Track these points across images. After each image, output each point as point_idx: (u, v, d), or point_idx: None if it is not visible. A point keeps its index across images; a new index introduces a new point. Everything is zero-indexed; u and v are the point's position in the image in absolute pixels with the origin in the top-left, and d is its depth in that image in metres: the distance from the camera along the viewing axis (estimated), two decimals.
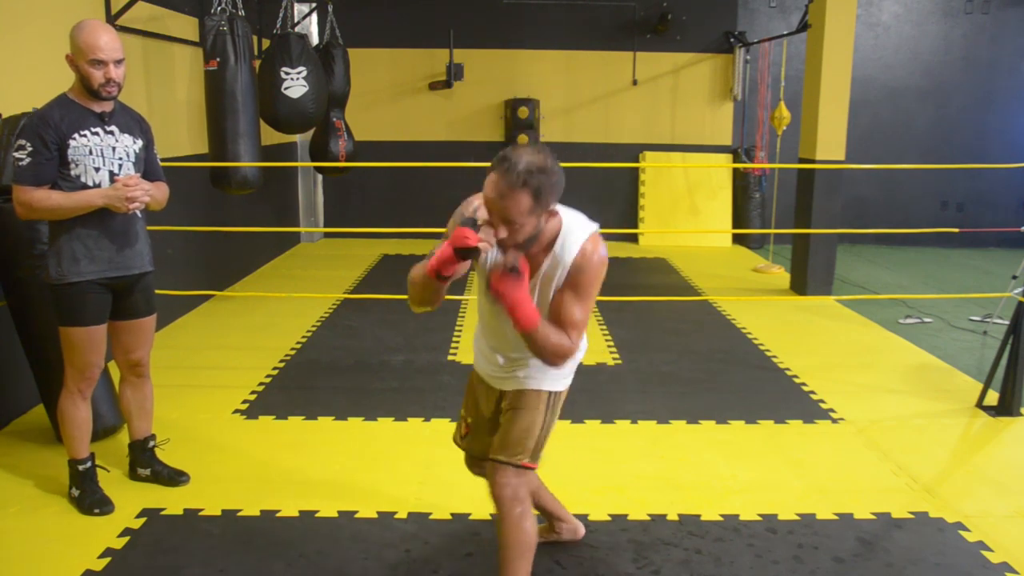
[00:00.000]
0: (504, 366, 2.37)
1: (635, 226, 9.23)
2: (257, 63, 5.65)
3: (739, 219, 9.22)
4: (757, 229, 9.06)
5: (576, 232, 2.16)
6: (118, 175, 2.90)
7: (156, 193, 2.99)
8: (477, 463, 2.66)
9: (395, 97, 9.27)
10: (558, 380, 2.36)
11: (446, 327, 5.63)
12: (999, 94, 9.32)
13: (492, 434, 2.43)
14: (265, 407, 4.16)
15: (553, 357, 2.14)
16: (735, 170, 9.20)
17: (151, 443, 3.32)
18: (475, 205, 2.16)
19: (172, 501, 3.14)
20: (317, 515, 3.06)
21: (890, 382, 4.65)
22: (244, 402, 4.22)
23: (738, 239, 9.32)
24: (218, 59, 4.95)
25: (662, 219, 9.22)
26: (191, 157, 5.70)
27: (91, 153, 2.84)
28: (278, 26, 6.03)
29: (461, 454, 3.61)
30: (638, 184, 9.34)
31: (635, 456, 3.63)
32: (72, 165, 2.82)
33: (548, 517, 2.84)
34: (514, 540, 2.30)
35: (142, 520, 3.00)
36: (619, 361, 4.96)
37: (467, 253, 2.01)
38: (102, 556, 2.76)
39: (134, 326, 3.10)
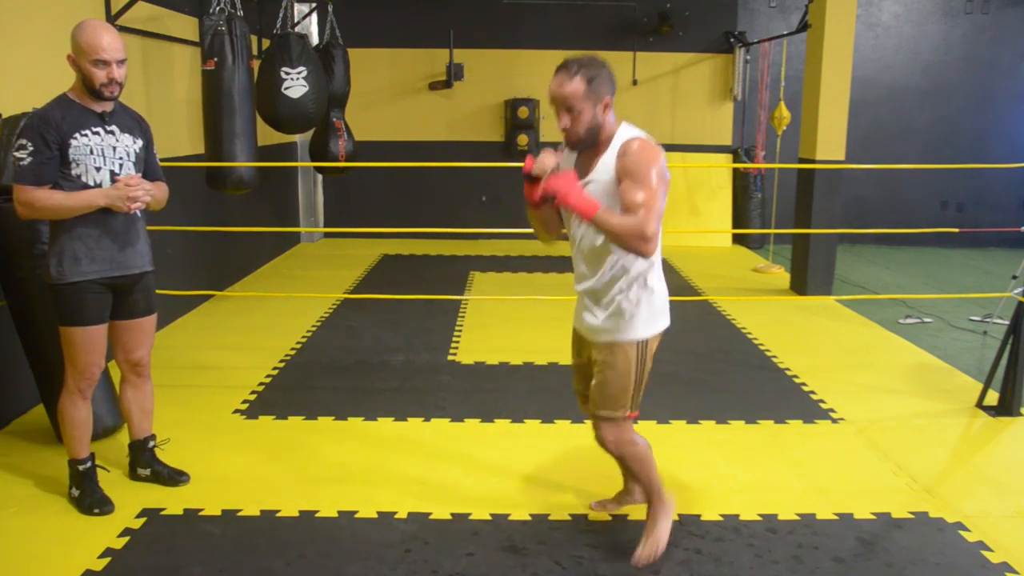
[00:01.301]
0: (597, 316, 2.54)
1: None
2: (257, 63, 5.65)
3: (739, 219, 9.22)
4: (757, 229, 9.06)
5: (627, 134, 2.43)
6: (119, 175, 2.90)
7: (156, 193, 3.00)
8: (584, 399, 2.84)
9: (395, 97, 9.27)
10: (644, 326, 2.50)
11: (446, 327, 5.63)
12: (999, 94, 9.32)
13: (590, 381, 2.64)
14: (265, 407, 4.16)
15: (629, 239, 2.29)
16: (735, 170, 9.20)
17: (151, 443, 3.32)
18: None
19: (172, 501, 3.14)
20: (317, 515, 3.06)
21: (890, 382, 4.65)
22: (244, 402, 4.22)
23: (738, 239, 9.32)
24: (216, 59, 4.95)
25: (662, 219, 9.19)
26: (191, 157, 5.70)
27: (92, 153, 2.84)
28: (278, 26, 6.02)
29: (461, 454, 3.64)
30: None
31: None
32: (73, 165, 2.82)
33: (625, 480, 3.05)
34: (638, 467, 2.72)
35: (142, 520, 3.00)
36: None
37: (531, 176, 2.38)
38: (102, 556, 2.76)
39: (134, 326, 3.10)
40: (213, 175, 5.23)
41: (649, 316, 2.52)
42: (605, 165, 2.41)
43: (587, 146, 2.44)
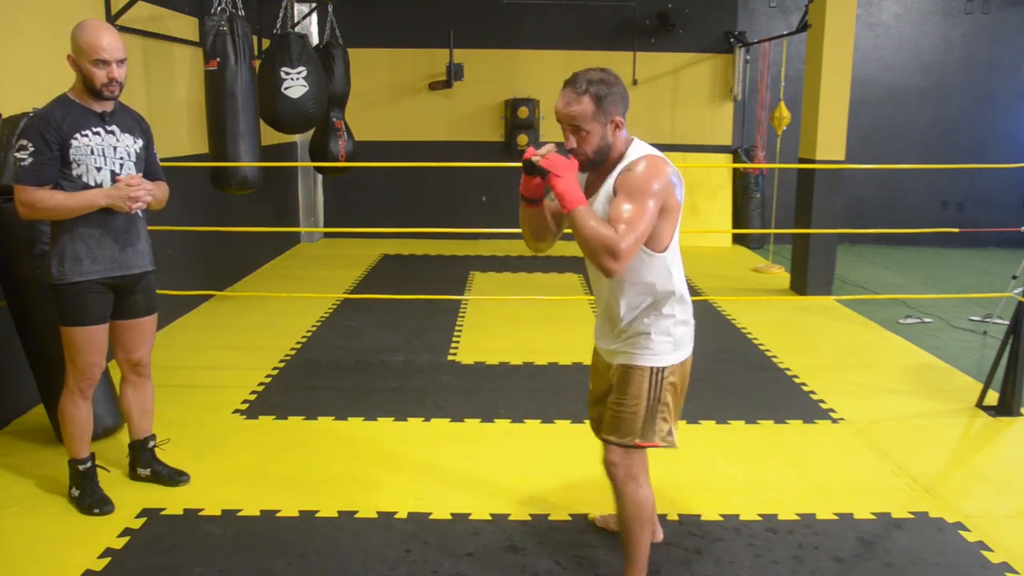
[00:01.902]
0: (614, 339, 2.42)
1: None
2: (257, 63, 5.65)
3: (739, 219, 9.22)
4: (757, 229, 9.06)
5: (637, 152, 2.27)
6: (119, 175, 2.90)
7: (157, 192, 3.00)
8: (596, 426, 2.70)
9: (395, 97, 9.27)
10: (661, 357, 2.36)
11: (446, 327, 5.63)
12: (999, 94, 9.32)
13: (605, 403, 2.49)
14: (265, 407, 4.16)
15: (598, 249, 2.13)
16: (735, 170, 9.20)
17: (151, 443, 3.32)
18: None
19: (172, 501, 3.14)
20: (317, 515, 3.06)
21: (890, 382, 4.65)
22: (244, 402, 4.22)
23: (738, 239, 9.32)
24: (218, 59, 4.95)
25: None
26: (191, 157, 5.70)
27: (92, 153, 2.84)
28: (278, 26, 6.03)
29: (461, 454, 3.64)
30: None
31: None
32: (74, 165, 2.82)
33: None
34: (631, 514, 2.43)
35: (142, 520, 3.00)
36: None
37: (532, 166, 2.19)
38: (102, 556, 2.76)
39: (135, 325, 3.10)
40: (217, 176, 5.24)
41: (668, 344, 2.36)
42: (608, 185, 2.28)
43: (595, 166, 2.29)
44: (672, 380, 2.39)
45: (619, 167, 2.26)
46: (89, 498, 3.07)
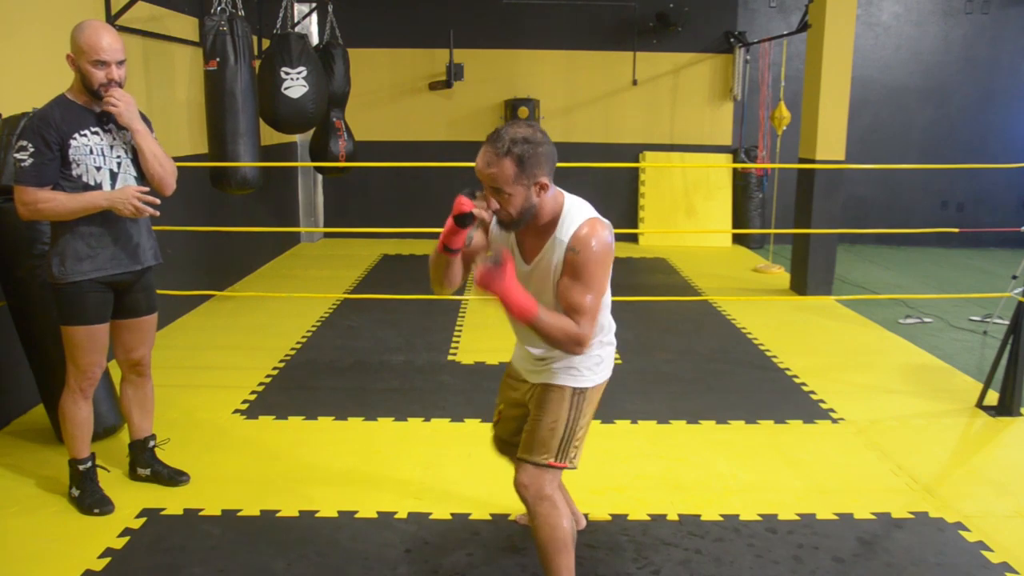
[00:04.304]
0: (534, 359, 2.36)
1: (635, 226, 9.23)
2: (257, 63, 5.65)
3: (739, 219, 9.22)
4: (757, 229, 9.06)
5: (575, 216, 2.17)
6: (118, 172, 2.90)
7: (165, 163, 2.98)
8: (502, 444, 2.67)
9: (395, 97, 9.27)
10: (583, 377, 2.31)
11: (446, 327, 5.63)
12: (999, 94, 9.32)
13: (522, 422, 2.44)
14: (265, 407, 4.16)
15: (566, 343, 2.11)
16: (735, 170, 9.20)
17: (151, 443, 3.32)
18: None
19: (172, 501, 3.14)
20: (317, 515, 3.06)
21: (890, 382, 4.65)
22: (244, 402, 4.22)
23: (738, 239, 9.32)
24: (218, 59, 4.95)
25: (662, 219, 9.22)
26: (191, 157, 5.70)
27: (91, 153, 2.84)
28: (278, 26, 6.03)
29: (461, 454, 3.63)
30: (638, 184, 9.34)
31: (635, 456, 3.63)
32: (73, 165, 2.82)
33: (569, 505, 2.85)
34: (546, 537, 2.30)
35: (142, 520, 3.00)
36: (619, 361, 4.93)
37: (464, 219, 2.09)
38: (102, 556, 2.76)
39: (135, 325, 3.10)
40: (218, 176, 5.24)
41: (583, 371, 2.31)
42: (551, 251, 2.18)
43: (520, 226, 2.18)
44: (593, 401, 2.35)
45: (562, 235, 2.15)
46: (89, 498, 3.07)
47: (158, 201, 2.92)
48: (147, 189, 2.92)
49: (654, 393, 4.43)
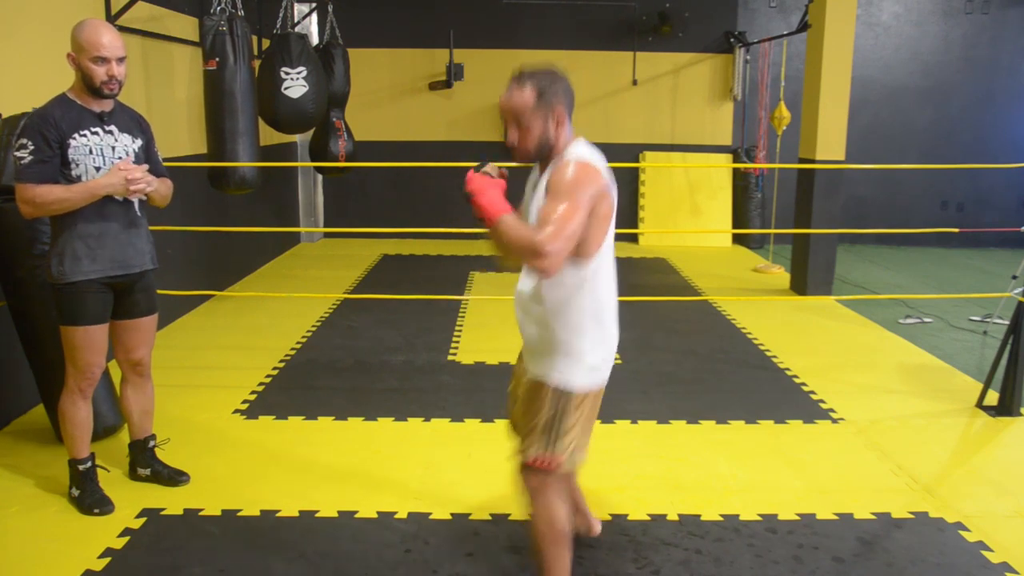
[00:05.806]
0: (530, 348, 2.35)
1: (635, 226, 9.23)
2: (257, 63, 5.65)
3: (739, 219, 9.22)
4: (757, 229, 9.06)
5: (573, 154, 2.18)
6: None
7: (161, 188, 2.99)
8: (513, 426, 2.60)
9: (395, 97, 9.27)
10: (568, 375, 2.22)
11: (446, 327, 5.63)
12: (999, 94, 9.32)
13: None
14: (265, 407, 4.16)
15: (523, 251, 2.01)
16: (735, 170, 9.20)
17: (151, 443, 3.32)
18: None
19: (172, 501, 3.14)
20: (317, 515, 3.06)
21: (890, 382, 4.65)
22: (244, 402, 4.22)
23: (738, 239, 9.33)
24: (217, 59, 4.95)
25: (662, 219, 9.22)
26: (191, 157, 5.70)
27: (91, 153, 2.84)
28: (278, 26, 6.02)
29: (460, 454, 3.64)
30: (638, 184, 9.34)
31: (635, 456, 3.63)
32: (73, 165, 2.82)
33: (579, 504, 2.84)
34: (540, 531, 2.32)
35: (142, 520, 3.00)
36: (619, 361, 4.95)
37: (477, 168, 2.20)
38: (102, 556, 2.76)
39: (135, 325, 3.10)
40: (216, 175, 5.23)
41: (570, 370, 2.23)
42: (543, 182, 2.19)
43: (536, 161, 2.24)
44: (579, 405, 2.26)
45: (554, 164, 2.18)
46: (89, 498, 3.07)
47: (151, 177, 2.92)
48: (130, 159, 2.91)
49: (654, 393, 4.43)
